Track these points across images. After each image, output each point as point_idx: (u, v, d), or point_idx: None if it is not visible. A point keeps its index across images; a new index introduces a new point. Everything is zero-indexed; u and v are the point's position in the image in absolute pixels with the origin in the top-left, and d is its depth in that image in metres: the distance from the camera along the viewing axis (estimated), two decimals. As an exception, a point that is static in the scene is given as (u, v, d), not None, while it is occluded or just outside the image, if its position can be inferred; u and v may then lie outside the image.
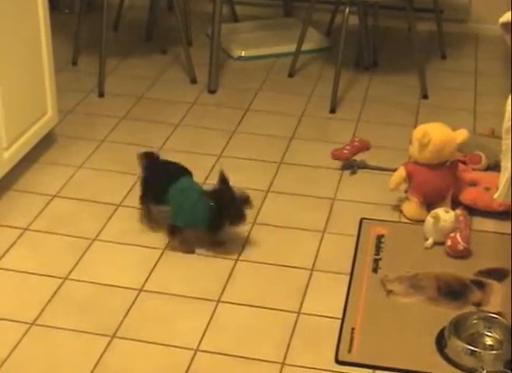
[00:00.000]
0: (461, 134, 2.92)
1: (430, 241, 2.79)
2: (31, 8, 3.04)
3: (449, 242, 2.74)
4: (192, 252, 2.74)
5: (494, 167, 3.03)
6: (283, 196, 3.08)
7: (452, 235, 2.75)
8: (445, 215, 2.77)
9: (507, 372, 2.24)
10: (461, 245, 2.72)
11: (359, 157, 3.26)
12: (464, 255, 2.73)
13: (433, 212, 2.79)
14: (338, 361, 2.32)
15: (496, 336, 2.38)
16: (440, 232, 2.77)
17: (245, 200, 2.71)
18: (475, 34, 4.47)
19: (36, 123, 3.16)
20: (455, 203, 2.92)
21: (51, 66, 3.21)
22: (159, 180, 2.81)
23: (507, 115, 2.19)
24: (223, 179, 2.70)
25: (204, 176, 3.16)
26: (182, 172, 2.84)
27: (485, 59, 4.22)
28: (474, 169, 3.10)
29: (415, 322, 2.46)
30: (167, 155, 3.28)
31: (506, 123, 2.19)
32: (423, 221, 2.82)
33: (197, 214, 2.70)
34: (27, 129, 3.10)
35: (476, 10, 4.48)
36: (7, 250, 2.73)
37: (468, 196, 2.97)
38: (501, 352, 2.31)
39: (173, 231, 2.75)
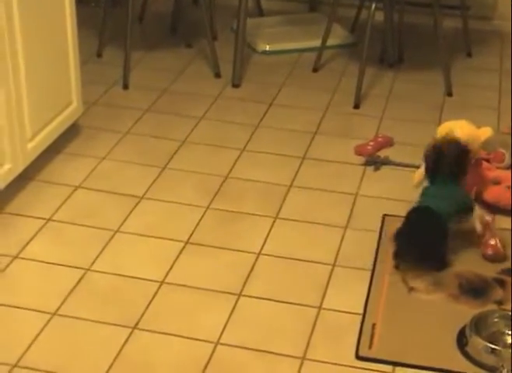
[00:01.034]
0: (486, 132, 2.90)
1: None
2: (58, 1, 3.05)
3: (487, 249, 2.72)
4: None
5: (518, 165, 3.02)
6: (306, 191, 3.07)
7: (485, 241, 2.74)
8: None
9: (528, 371, 2.23)
10: (491, 250, 2.72)
11: (382, 153, 3.26)
12: (499, 257, 2.71)
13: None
14: (358, 357, 2.32)
15: (518, 335, 2.38)
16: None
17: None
18: (500, 32, 4.45)
19: (61, 114, 3.18)
20: (478, 202, 2.91)
21: (77, 58, 3.22)
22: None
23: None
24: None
25: (227, 170, 3.17)
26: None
27: (510, 57, 4.20)
28: (497, 168, 3.08)
29: (436, 319, 2.46)
30: (191, 148, 3.31)
31: (532, 122, 2.18)
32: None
33: None
34: (52, 120, 3.11)
35: (502, 8, 4.47)
36: (30, 240, 2.75)
37: (491, 194, 2.96)
38: (522, 351, 2.31)
39: None
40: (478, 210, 2.75)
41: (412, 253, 2.62)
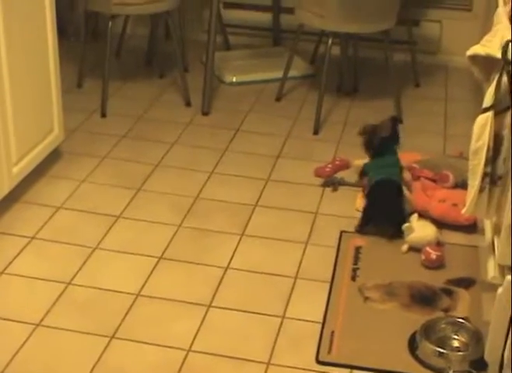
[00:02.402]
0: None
1: (405, 247, 2.82)
2: (41, 35, 3.05)
3: (423, 256, 2.75)
4: None
5: (461, 185, 3.04)
6: (270, 210, 3.08)
7: (424, 249, 2.76)
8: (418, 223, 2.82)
9: (472, 372, 2.25)
10: (434, 254, 2.74)
11: (339, 175, 3.27)
12: (439, 264, 2.73)
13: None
14: (318, 361, 2.33)
15: (463, 339, 2.39)
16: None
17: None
18: (445, 65, 4.49)
19: (44, 140, 3.16)
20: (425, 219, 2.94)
21: (58, 88, 3.21)
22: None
23: (474, 138, 2.20)
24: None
25: (198, 190, 3.17)
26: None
27: (454, 87, 4.24)
28: (443, 187, 3.11)
29: (390, 326, 2.47)
30: (164, 171, 3.31)
31: (474, 145, 2.21)
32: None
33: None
34: (35, 145, 3.10)
35: (446, 43, 4.50)
36: (15, 257, 2.73)
37: (437, 211, 2.98)
38: (467, 353, 2.33)
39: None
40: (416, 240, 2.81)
41: (378, 219, 2.87)
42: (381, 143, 3.00)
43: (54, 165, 3.31)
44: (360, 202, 3.04)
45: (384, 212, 2.91)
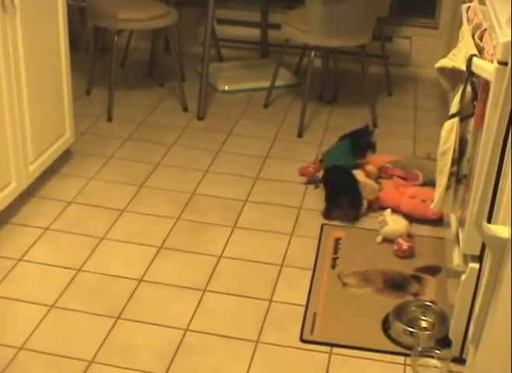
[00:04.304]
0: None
1: (379, 238, 2.83)
2: (55, 49, 3.04)
3: (395, 247, 2.76)
4: None
5: (429, 183, 3.05)
6: (259, 205, 3.08)
7: (396, 240, 2.78)
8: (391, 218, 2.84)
9: (437, 349, 2.26)
10: (405, 245, 2.75)
11: (320, 174, 3.27)
12: (409, 253, 2.74)
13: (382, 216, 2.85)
14: (302, 340, 2.33)
15: (430, 320, 2.40)
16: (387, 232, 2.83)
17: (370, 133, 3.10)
18: (414, 76, 4.49)
19: (57, 142, 3.16)
20: (397, 213, 2.95)
21: (70, 95, 3.21)
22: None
23: (442, 141, 2.22)
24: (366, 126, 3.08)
25: (194, 187, 3.18)
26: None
27: (423, 96, 4.25)
28: (413, 185, 3.13)
29: (366, 308, 2.48)
30: (164, 170, 3.31)
31: (441, 148, 2.22)
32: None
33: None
34: (49, 146, 3.09)
35: (415, 57, 4.51)
36: (31, 246, 2.73)
37: (407, 207, 2.99)
38: (433, 332, 2.34)
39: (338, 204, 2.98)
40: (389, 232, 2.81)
41: (338, 204, 2.93)
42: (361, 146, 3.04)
43: (65, 164, 3.31)
44: None
45: (342, 196, 2.94)
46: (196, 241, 2.81)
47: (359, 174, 3.04)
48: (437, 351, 2.25)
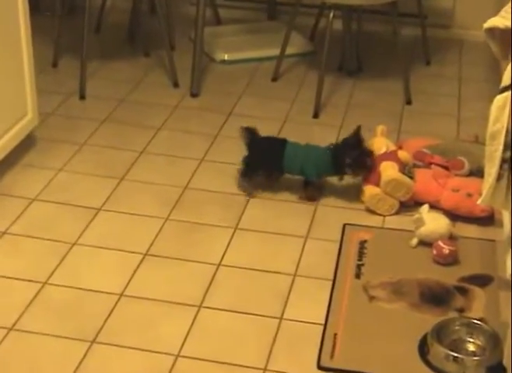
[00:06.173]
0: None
1: (415, 241, 2.82)
2: (11, 10, 3.04)
3: (435, 251, 2.75)
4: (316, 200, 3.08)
5: (477, 173, 3.04)
6: (266, 201, 3.09)
7: (436, 243, 2.77)
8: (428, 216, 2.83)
9: (489, 378, 2.26)
10: (447, 249, 2.74)
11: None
12: (452, 259, 2.74)
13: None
14: (320, 367, 2.33)
15: (479, 343, 2.39)
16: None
17: (368, 152, 3.02)
18: (459, 40, 4.51)
19: (16, 125, 3.16)
20: (436, 210, 2.94)
21: (32, 68, 3.21)
22: (270, 153, 3.13)
23: (491, 120, 2.20)
24: (357, 134, 3.02)
25: (186, 180, 3.17)
26: (283, 141, 3.15)
27: (469, 65, 4.26)
28: (456, 175, 3.11)
29: (398, 328, 2.48)
30: (150, 159, 3.31)
31: (491, 129, 2.21)
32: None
33: (323, 164, 3.05)
34: (6, 131, 3.09)
35: (460, 16, 4.52)
36: (-15, 254, 2.74)
37: (449, 202, 2.99)
38: (483, 358, 2.33)
39: (306, 185, 3.08)
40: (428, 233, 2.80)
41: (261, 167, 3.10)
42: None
43: (27, 152, 3.31)
44: (366, 192, 3.02)
45: (268, 161, 3.11)
46: (189, 246, 2.82)
47: (390, 166, 3.02)
48: (488, 381, 2.24)
